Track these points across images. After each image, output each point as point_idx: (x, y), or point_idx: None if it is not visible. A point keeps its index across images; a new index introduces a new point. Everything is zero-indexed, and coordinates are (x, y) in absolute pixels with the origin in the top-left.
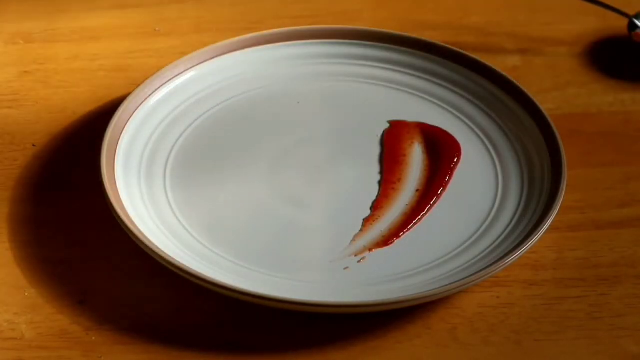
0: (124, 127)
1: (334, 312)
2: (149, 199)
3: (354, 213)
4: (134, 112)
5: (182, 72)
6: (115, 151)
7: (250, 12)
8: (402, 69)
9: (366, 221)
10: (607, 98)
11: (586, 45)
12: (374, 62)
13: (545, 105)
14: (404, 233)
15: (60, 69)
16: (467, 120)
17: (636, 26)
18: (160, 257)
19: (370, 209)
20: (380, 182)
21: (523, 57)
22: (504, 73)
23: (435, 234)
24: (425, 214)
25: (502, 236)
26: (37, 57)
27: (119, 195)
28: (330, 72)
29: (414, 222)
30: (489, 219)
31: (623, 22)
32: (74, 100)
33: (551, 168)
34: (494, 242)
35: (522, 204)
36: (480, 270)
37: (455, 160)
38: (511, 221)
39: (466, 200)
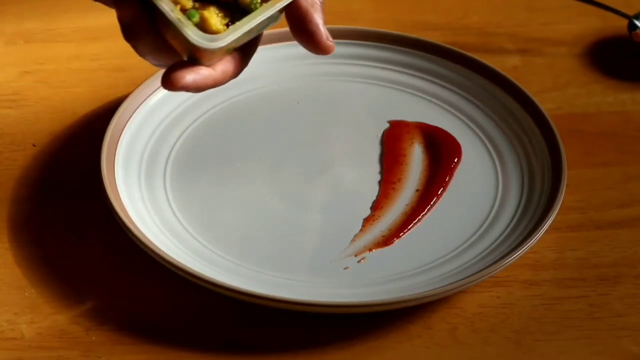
0: (124, 127)
1: (334, 312)
2: (149, 199)
3: (354, 213)
4: (134, 112)
5: None
6: (115, 151)
7: None
8: (402, 69)
9: (366, 221)
10: (607, 98)
11: (586, 45)
12: (374, 62)
13: (545, 105)
14: (404, 233)
15: (60, 69)
16: (467, 120)
17: (636, 26)
18: (160, 257)
19: (370, 209)
20: (380, 182)
21: (523, 57)
22: (504, 73)
23: (435, 234)
24: (425, 214)
25: (502, 236)
26: (37, 57)
27: (119, 195)
28: (330, 72)
29: (414, 222)
30: (489, 219)
31: (623, 22)
32: (74, 100)
33: (551, 168)
34: (494, 242)
35: (522, 204)
36: (480, 270)
37: (455, 160)
38: (511, 221)
39: (466, 200)
